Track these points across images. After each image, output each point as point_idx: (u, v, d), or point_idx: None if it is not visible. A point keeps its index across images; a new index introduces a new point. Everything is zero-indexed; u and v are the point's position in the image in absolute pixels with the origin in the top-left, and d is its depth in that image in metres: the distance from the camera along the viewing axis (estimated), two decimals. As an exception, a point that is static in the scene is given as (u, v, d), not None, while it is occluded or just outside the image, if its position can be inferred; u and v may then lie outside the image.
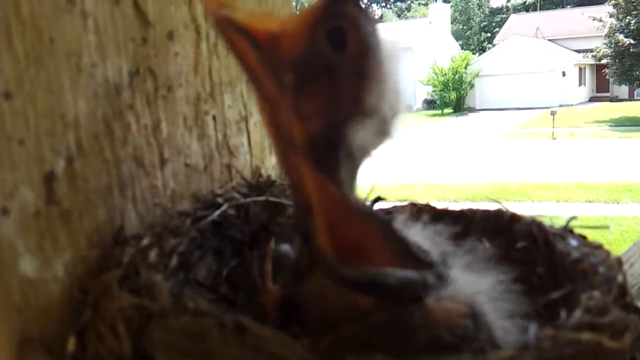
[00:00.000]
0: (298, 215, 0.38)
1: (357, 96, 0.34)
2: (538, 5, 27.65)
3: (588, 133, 11.29)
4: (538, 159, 8.33)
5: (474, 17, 32.40)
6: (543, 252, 0.44)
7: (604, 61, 16.17)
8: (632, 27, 14.55)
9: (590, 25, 17.07)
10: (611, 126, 12.47)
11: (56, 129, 0.36)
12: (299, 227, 0.38)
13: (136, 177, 0.43)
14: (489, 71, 19.39)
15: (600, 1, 18.15)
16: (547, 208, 5.30)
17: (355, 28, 0.33)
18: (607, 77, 17.12)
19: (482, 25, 32.98)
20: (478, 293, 0.37)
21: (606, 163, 7.59)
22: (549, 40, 21.00)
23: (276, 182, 0.53)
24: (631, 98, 19.25)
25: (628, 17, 14.67)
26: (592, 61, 18.05)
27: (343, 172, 0.35)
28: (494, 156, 8.78)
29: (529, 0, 30.88)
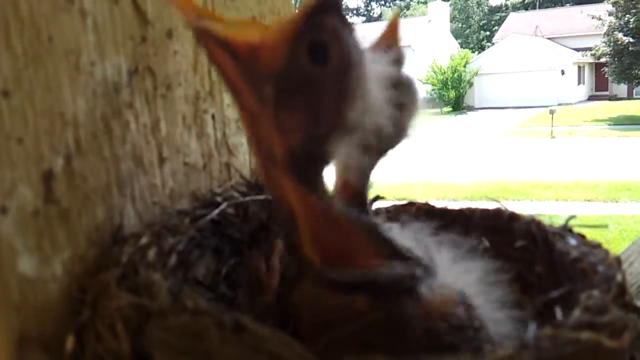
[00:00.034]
0: (283, 226, 0.38)
1: (339, 111, 0.33)
2: (537, 3, 27.66)
3: (587, 132, 11.29)
4: (537, 158, 8.33)
5: (473, 16, 32.43)
6: (542, 251, 0.44)
7: (603, 60, 16.14)
8: (631, 26, 14.54)
9: (589, 23, 17.09)
10: (610, 125, 12.47)
11: (55, 128, 0.36)
12: (285, 238, 0.38)
13: (135, 176, 0.43)
14: (488, 70, 19.38)
15: (599, -1, 18.20)
16: (546, 207, 5.30)
17: (337, 41, 0.32)
18: (606, 76, 17.15)
19: (481, 23, 33.01)
20: (467, 285, 0.37)
21: (605, 162, 7.59)
22: (548, 38, 20.98)
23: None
24: (630, 97, 19.26)
25: (627, 16, 14.66)
26: (591, 60, 18.00)
27: (324, 184, 0.35)
28: (493, 155, 8.78)
29: (528, -2, 30.94)
